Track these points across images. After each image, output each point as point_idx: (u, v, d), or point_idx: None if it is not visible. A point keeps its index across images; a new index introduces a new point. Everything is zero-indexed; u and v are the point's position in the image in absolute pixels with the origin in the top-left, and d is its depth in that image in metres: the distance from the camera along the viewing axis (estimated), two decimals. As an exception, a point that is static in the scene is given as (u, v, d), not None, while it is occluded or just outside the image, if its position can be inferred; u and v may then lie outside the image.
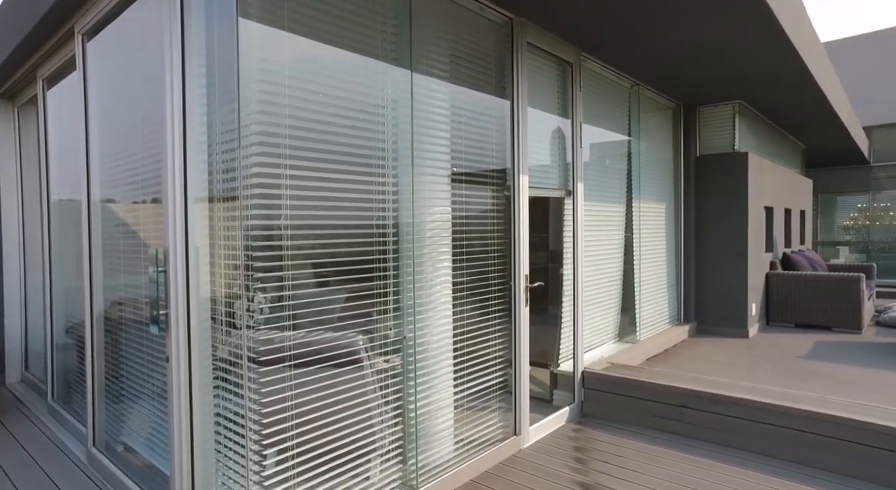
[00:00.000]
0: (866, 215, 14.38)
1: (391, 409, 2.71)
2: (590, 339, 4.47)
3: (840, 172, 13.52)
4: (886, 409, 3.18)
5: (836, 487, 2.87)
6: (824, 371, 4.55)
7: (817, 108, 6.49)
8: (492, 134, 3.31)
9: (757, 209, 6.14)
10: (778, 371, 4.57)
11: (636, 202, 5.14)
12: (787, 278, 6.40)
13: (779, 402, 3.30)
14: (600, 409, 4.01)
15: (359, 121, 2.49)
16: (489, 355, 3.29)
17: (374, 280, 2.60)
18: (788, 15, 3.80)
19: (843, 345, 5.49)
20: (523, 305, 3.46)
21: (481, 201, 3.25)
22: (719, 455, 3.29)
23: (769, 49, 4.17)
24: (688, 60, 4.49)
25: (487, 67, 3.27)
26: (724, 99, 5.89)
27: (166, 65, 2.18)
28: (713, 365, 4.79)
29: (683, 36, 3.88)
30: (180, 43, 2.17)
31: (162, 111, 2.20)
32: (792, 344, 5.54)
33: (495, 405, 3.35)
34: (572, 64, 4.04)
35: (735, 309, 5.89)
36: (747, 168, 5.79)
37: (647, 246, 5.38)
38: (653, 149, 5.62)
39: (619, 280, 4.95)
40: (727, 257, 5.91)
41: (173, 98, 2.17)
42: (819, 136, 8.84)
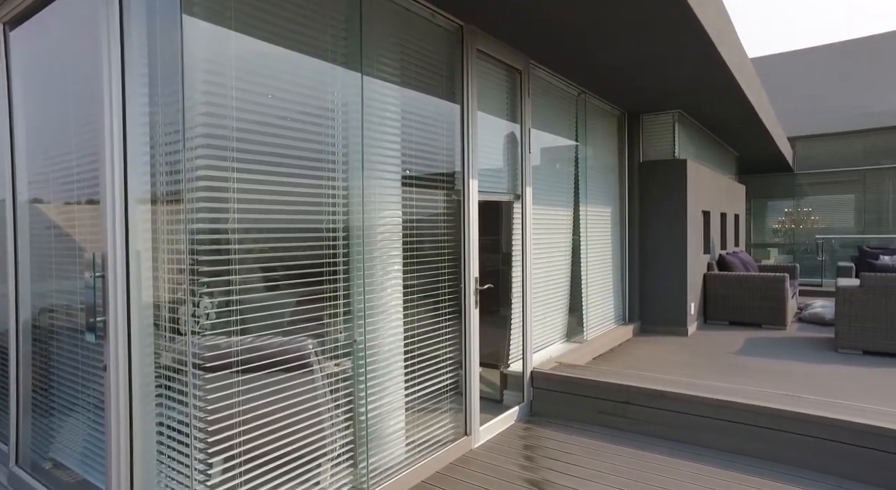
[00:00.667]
0: (792, 219, 15.37)
1: (342, 413, 2.69)
2: (539, 340, 4.59)
3: (769, 179, 14.39)
4: (808, 398, 3.42)
5: (766, 473, 3.06)
6: (754, 365, 4.84)
7: (746, 118, 6.90)
8: (442, 138, 3.35)
9: (695, 213, 6.47)
10: (714, 366, 4.83)
11: (583, 206, 5.32)
12: (722, 279, 6.77)
13: (713, 395, 3.49)
14: (549, 408, 4.12)
15: (309, 123, 2.47)
16: (440, 357, 3.33)
17: (324, 283, 2.58)
18: (718, 31, 4.04)
19: (770, 340, 5.86)
20: (473, 307, 3.51)
21: (432, 205, 3.29)
22: (659, 448, 3.44)
23: (701, 62, 4.41)
24: (629, 71, 4.69)
25: (438, 72, 3.31)
26: (664, 108, 6.17)
27: (104, 60, 2.10)
28: (656, 362, 5.00)
29: (623, 49, 4.06)
30: (119, 38, 2.10)
31: (100, 108, 2.11)
32: (726, 341, 5.86)
33: (446, 406, 3.39)
34: (521, 71, 4.14)
35: (676, 308, 6.18)
36: (686, 174, 6.09)
37: (594, 248, 5.57)
38: (599, 155, 5.83)
39: (568, 282, 5.10)
40: (668, 259, 6.19)
41: (112, 95, 2.09)
42: (750, 145, 9.40)
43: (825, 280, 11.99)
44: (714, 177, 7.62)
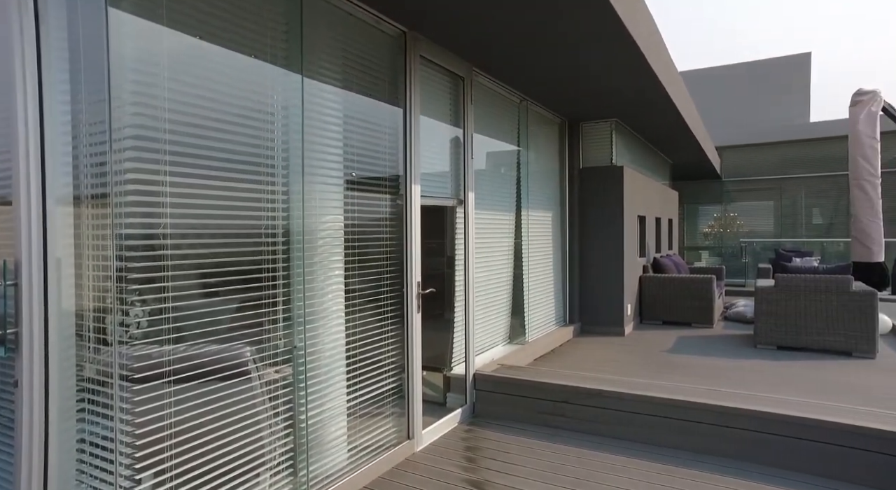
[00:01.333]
0: (720, 223, 16.31)
1: (282, 421, 2.64)
2: (482, 342, 4.66)
3: (700, 185, 15.21)
4: (727, 392, 3.65)
5: (693, 465, 3.24)
6: (683, 362, 5.11)
7: (677, 127, 7.29)
8: (385, 143, 3.35)
9: (631, 218, 6.75)
10: (647, 364, 5.06)
11: (525, 210, 5.44)
12: (656, 280, 7.10)
13: (644, 392, 3.66)
14: (491, 409, 4.19)
15: (247, 126, 2.42)
16: (383, 362, 3.32)
17: (263, 289, 2.53)
18: (649, 46, 4.25)
19: (698, 338, 6.20)
20: (415, 311, 3.53)
21: (375, 209, 3.28)
22: (595, 444, 3.58)
23: (634, 74, 4.62)
24: (568, 81, 4.85)
25: (381, 77, 3.31)
26: (602, 116, 6.41)
27: (15, 50, 1.97)
28: (594, 362, 5.19)
29: (562, 59, 4.19)
30: (34, 27, 1.97)
31: (12, 102, 1.98)
32: (659, 339, 6.16)
33: (389, 411, 3.38)
34: (464, 78, 4.20)
35: (613, 310, 6.43)
36: (622, 180, 6.35)
37: (536, 252, 5.71)
38: (541, 160, 5.98)
39: (510, 285, 5.21)
40: (606, 262, 6.43)
41: (26, 88, 1.97)
42: (681, 153, 9.92)
43: (748, 280, 12.80)
44: (649, 183, 7.99)
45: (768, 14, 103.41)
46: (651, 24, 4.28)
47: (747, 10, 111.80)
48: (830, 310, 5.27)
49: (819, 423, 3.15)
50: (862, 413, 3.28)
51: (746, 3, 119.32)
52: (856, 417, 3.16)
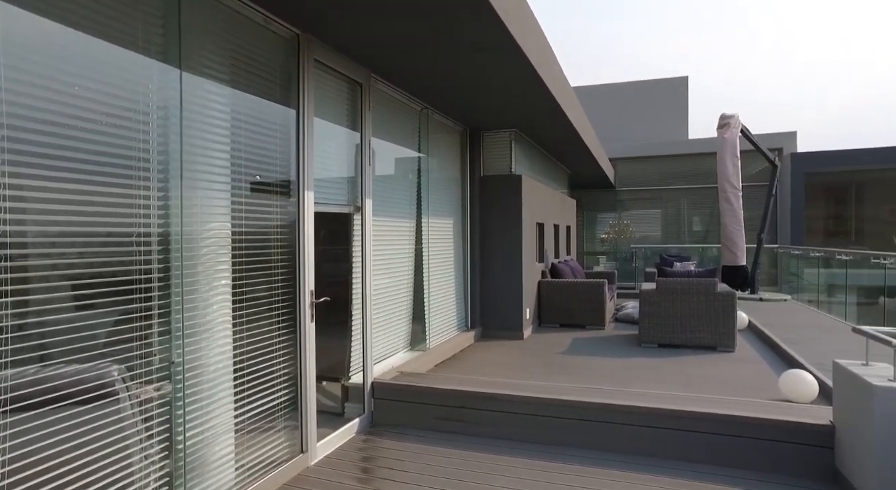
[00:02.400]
0: (615, 230, 17.47)
1: (157, 443, 2.45)
2: (382, 350, 4.63)
3: (597, 194, 16.20)
4: (609, 390, 3.90)
5: (580, 460, 3.42)
6: (576, 363, 5.40)
7: (571, 139, 7.72)
8: (277, 147, 3.25)
9: (530, 225, 7.04)
10: (543, 366, 5.28)
11: (426, 217, 5.50)
12: (554, 285, 7.45)
13: (535, 394, 3.82)
14: (390, 418, 4.17)
15: (114, 125, 2.23)
16: (274, 374, 3.20)
17: (134, 302, 2.34)
18: (540, 61, 4.46)
19: (591, 339, 6.59)
20: (309, 321, 3.44)
21: (266, 215, 3.16)
22: (490, 447, 3.67)
23: (528, 87, 4.84)
24: (466, 91, 4.98)
25: (273, 79, 3.21)
26: (502, 126, 6.64)
27: None
28: (493, 366, 5.33)
29: (459, 70, 4.30)
30: None
31: None
32: (556, 342, 6.46)
33: (281, 424, 3.26)
34: (362, 84, 4.17)
35: (512, 314, 6.65)
36: (521, 188, 6.61)
37: (437, 258, 5.78)
38: (442, 168, 6.08)
39: (411, 291, 5.23)
40: (506, 268, 6.65)
41: None
42: (578, 163, 10.51)
43: (638, 283, 13.79)
44: (548, 191, 8.38)
45: (655, 38, 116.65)
46: (542, 40, 4.50)
47: (636, 33, 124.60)
48: (700, 309, 5.82)
49: (685, 414, 3.45)
50: (717, 401, 3.64)
51: (636, 27, 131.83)
52: (712, 406, 3.50)
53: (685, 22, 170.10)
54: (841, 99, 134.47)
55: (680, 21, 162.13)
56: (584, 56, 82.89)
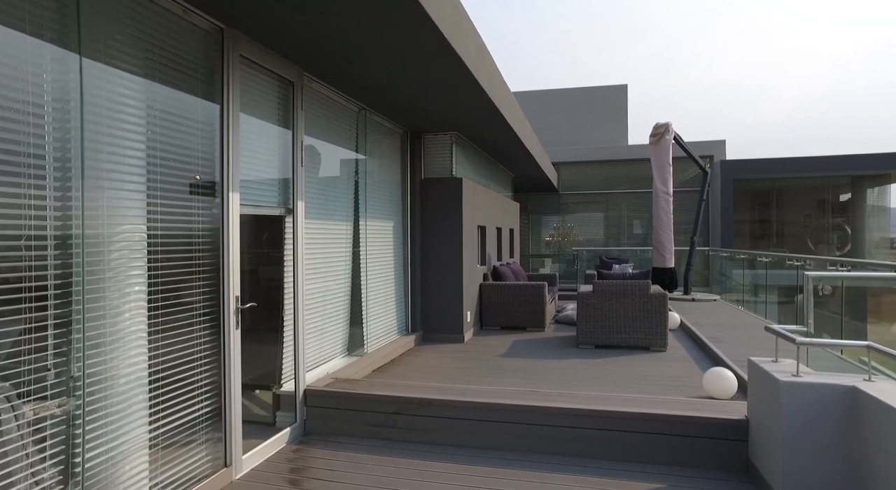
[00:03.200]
0: (559, 232, 17.86)
1: (51, 466, 2.26)
2: (317, 356, 4.50)
3: (542, 197, 16.51)
4: (543, 392, 3.95)
5: (514, 463, 3.42)
6: (515, 365, 5.44)
7: (513, 143, 7.82)
8: (200, 145, 3.09)
9: (471, 228, 7.06)
10: (482, 370, 5.29)
11: (364, 219, 5.40)
12: (495, 288, 7.50)
13: (470, 398, 3.81)
14: (322, 426, 4.05)
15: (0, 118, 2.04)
16: (195, 385, 3.03)
17: (24, 312, 2.14)
18: (477, 64, 4.47)
19: (531, 341, 6.67)
20: (234, 328, 3.29)
21: (187, 217, 2.99)
22: (425, 453, 3.63)
23: (466, 90, 4.84)
24: (404, 93, 4.93)
25: (194, 73, 3.05)
26: (443, 129, 6.63)
27: None
28: (432, 370, 5.29)
29: (394, 72, 4.25)
30: None
31: None
32: (496, 344, 6.49)
33: (203, 438, 3.09)
34: (294, 83, 4.05)
35: (453, 317, 6.64)
36: (461, 191, 6.62)
37: (376, 261, 5.70)
38: (382, 170, 6.00)
39: (348, 295, 5.12)
40: (447, 271, 6.64)
41: None
42: (521, 167, 10.66)
43: (580, 285, 14.14)
44: (490, 194, 8.44)
45: (597, 48, 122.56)
46: (479, 44, 4.52)
47: (587, 41, 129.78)
48: (635, 311, 6.00)
49: (613, 414, 3.53)
50: (642, 401, 3.75)
51: (587, 35, 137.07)
52: (637, 405, 3.60)
53: (626, 33, 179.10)
54: (766, 112, 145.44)
55: (622, 32, 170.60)
56: (533, 62, 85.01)
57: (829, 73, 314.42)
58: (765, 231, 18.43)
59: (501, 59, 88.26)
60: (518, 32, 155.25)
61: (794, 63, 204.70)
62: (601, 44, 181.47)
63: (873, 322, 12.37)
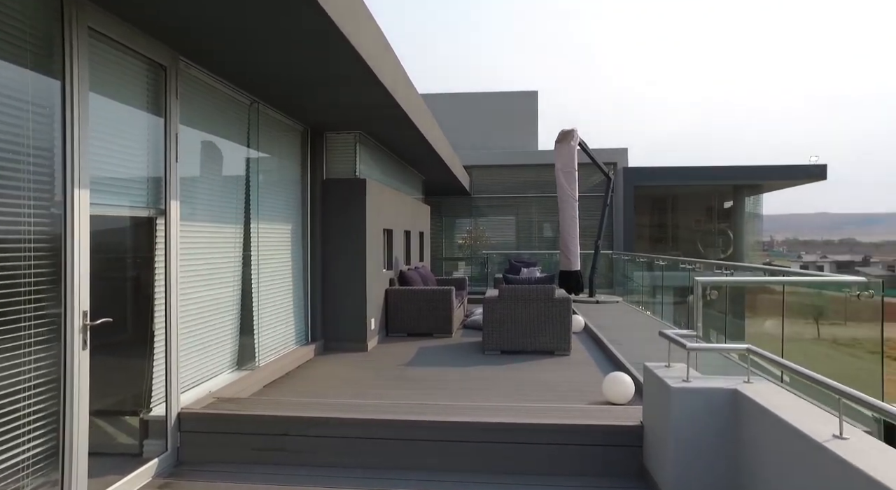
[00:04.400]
0: (472, 235, 17.98)
1: None
2: (196, 374, 4.03)
3: (455, 200, 16.52)
4: (442, 405, 3.77)
5: (405, 483, 3.20)
6: (418, 374, 5.23)
7: (421, 145, 7.64)
8: (31, 131, 2.58)
9: (376, 231, 6.78)
10: (385, 380, 5.03)
11: (257, 221, 4.97)
12: (402, 293, 7.27)
13: (362, 415, 3.55)
14: (199, 454, 3.61)
15: None
16: (22, 421, 2.52)
17: None
18: (376, 59, 4.22)
19: (438, 348, 6.50)
20: (80, 348, 2.80)
21: (12, 220, 2.49)
22: (315, 478, 3.31)
23: (365, 87, 4.58)
24: (303, 87, 4.58)
25: (23, 42, 2.54)
26: (346, 128, 6.31)
27: None
28: (330, 382, 4.96)
29: (292, 62, 3.90)
30: None
31: None
32: (401, 352, 6.26)
33: (31, 484, 2.59)
34: (167, 67, 3.58)
35: (356, 325, 6.32)
36: (365, 193, 6.32)
37: (271, 266, 5.27)
38: (279, 169, 5.58)
39: (237, 304, 4.67)
40: (349, 276, 6.31)
41: None
42: (431, 169, 10.53)
43: (489, 289, 14.28)
44: (398, 197, 8.21)
45: (510, 55, 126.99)
46: (379, 37, 4.27)
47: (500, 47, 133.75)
48: (539, 315, 6.01)
49: (514, 426, 3.42)
50: (541, 411, 3.67)
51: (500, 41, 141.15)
52: (536, 416, 3.52)
53: (535, 42, 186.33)
54: (664, 123, 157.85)
55: (530, 41, 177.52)
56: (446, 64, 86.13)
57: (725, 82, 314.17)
58: (662, 235, 19.68)
59: (416, 61, 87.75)
60: (433, 34, 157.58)
61: (694, 73, 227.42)
62: (513, 49, 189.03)
63: (750, 316, 13.56)
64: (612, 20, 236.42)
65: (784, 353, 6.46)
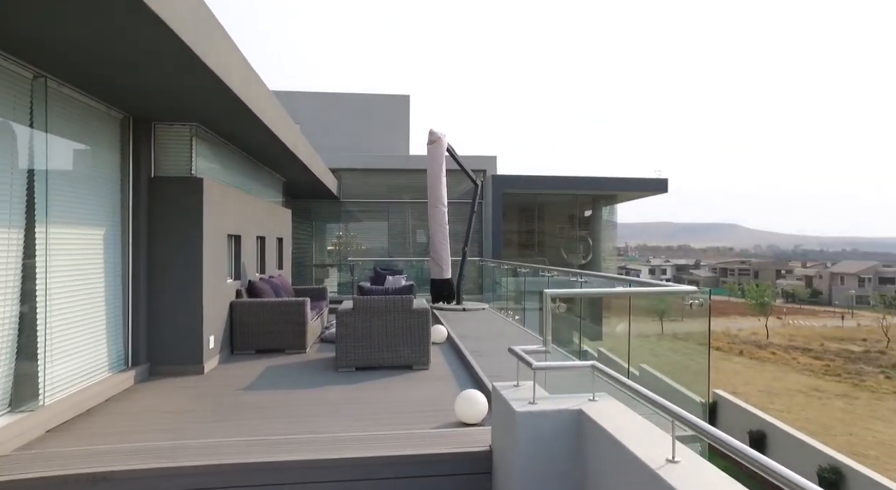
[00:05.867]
0: (342, 241, 17.30)
1: None
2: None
3: (325, 204, 15.75)
4: (279, 440, 3.24)
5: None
6: (259, 400, 4.60)
7: (274, 145, 6.97)
8: None
9: (217, 237, 5.99)
10: (216, 410, 4.34)
11: (45, 224, 4.02)
12: (250, 306, 6.52)
13: (177, 463, 2.91)
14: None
15: None
16: None
17: None
18: (195, 34, 3.58)
19: (287, 367, 5.88)
20: None
21: None
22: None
23: (183, 67, 3.91)
24: (104, 64, 3.78)
25: None
26: (179, 119, 5.48)
27: None
28: (144, 419, 4.16)
29: (69, 27, 3.14)
30: None
31: None
32: (244, 374, 5.54)
33: None
34: None
35: (190, 344, 5.49)
36: (202, 194, 5.53)
37: (69, 279, 4.32)
38: (87, 162, 4.64)
39: (13, 328, 3.71)
40: (182, 289, 5.47)
41: None
42: (290, 171, 9.79)
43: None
44: (248, 199, 7.42)
45: (379, 58, 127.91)
46: (199, 7, 3.63)
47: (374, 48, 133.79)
48: (397, 328, 5.66)
49: (353, 462, 3.01)
50: (388, 439, 3.31)
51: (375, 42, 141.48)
52: (383, 447, 3.15)
53: (408, 45, 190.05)
54: (529, 130, 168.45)
55: (403, 44, 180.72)
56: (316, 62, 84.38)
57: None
58: (530, 241, 20.54)
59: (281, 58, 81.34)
60: (300, 31, 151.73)
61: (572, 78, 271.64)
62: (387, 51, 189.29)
63: (606, 316, 14.52)
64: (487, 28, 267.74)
65: (631, 353, 6.77)
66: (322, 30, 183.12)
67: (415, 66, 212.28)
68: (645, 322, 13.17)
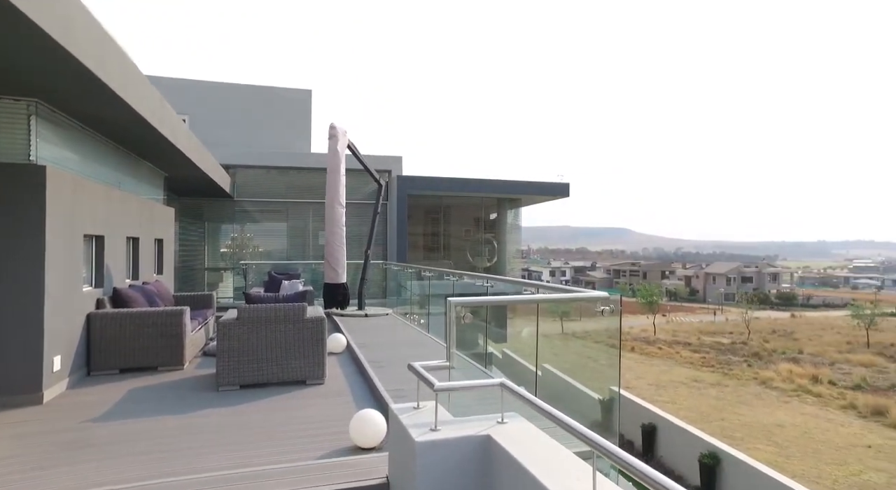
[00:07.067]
0: (237, 243, 16.04)
1: None
2: None
3: (217, 203, 14.48)
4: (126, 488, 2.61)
5: None
6: (112, 435, 3.82)
7: (149, 133, 6.08)
8: None
9: (68, 237, 5.04)
10: (51, 451, 3.53)
11: None
12: (114, 317, 5.59)
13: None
14: None
15: None
16: None
17: None
18: None
19: (156, 388, 5.07)
20: None
21: None
22: None
23: (12, 31, 3.14)
24: None
25: None
26: (10, 92, 4.53)
27: None
28: (-53, 466, 3.27)
29: None
30: None
31: None
32: (99, 400, 4.67)
33: None
34: None
35: (26, 367, 4.53)
36: (46, 186, 4.60)
37: None
38: None
39: None
40: (16, 300, 4.51)
41: None
42: (173, 166, 8.76)
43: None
44: (115, 195, 6.42)
45: (280, 48, 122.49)
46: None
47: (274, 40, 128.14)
48: (289, 339, 5.07)
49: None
50: (269, 475, 2.80)
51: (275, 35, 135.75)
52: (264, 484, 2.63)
53: (310, 42, 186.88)
54: (437, 133, 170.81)
55: (304, 41, 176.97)
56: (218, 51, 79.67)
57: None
58: (435, 244, 20.36)
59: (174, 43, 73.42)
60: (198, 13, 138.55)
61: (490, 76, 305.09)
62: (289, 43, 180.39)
63: (511, 318, 14.64)
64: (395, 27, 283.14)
65: (539, 355, 6.64)
66: (215, 12, 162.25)
67: (318, 62, 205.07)
68: (546, 322, 13.42)
